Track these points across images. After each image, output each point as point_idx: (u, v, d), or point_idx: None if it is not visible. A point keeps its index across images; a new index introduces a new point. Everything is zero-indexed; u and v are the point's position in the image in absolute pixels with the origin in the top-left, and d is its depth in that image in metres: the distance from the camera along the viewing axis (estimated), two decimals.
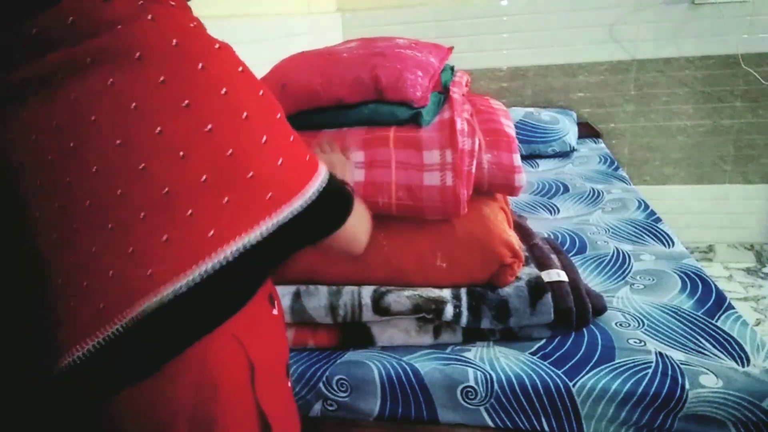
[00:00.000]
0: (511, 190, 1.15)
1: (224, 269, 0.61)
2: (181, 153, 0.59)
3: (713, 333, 1.11)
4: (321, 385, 1.09)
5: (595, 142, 2.67)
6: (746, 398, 0.95)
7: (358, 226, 0.77)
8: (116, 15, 0.59)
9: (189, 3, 0.71)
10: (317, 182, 0.68)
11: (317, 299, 1.12)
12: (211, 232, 0.60)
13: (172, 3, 0.64)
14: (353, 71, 1.14)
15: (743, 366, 1.01)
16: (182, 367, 0.66)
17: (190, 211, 0.60)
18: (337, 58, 1.21)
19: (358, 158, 1.08)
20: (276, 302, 0.83)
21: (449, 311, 1.08)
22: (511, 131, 1.20)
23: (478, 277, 1.13)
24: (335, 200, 0.72)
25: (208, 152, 0.60)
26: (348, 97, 1.13)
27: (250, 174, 0.62)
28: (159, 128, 0.58)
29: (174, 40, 0.59)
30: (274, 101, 0.67)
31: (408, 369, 1.07)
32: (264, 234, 0.63)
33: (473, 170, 1.07)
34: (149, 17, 0.60)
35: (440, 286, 1.13)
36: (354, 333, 1.14)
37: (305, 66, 1.22)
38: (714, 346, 1.07)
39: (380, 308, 1.10)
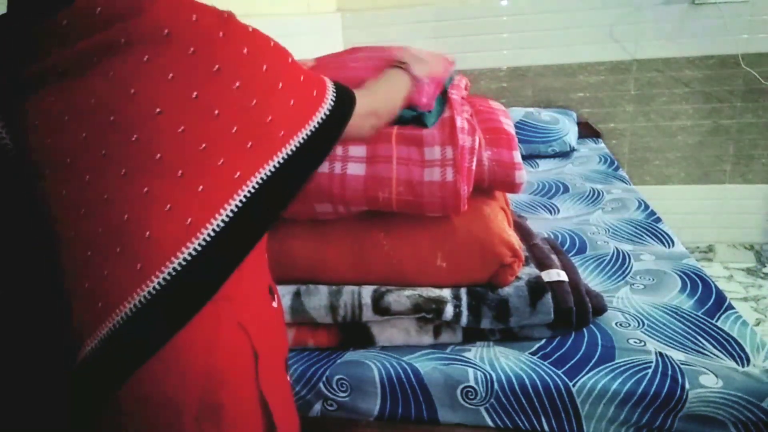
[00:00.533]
0: (512, 187, 1.15)
1: (249, 202, 0.69)
2: (216, 111, 0.67)
3: (713, 333, 1.11)
4: (321, 385, 1.09)
5: (595, 142, 2.67)
6: (746, 398, 0.95)
7: (365, 106, 0.89)
8: (140, 2, 0.66)
9: None
10: (324, 108, 0.79)
11: (317, 298, 1.13)
12: (237, 174, 0.69)
13: None
14: (359, 76, 1.14)
15: (743, 366, 1.01)
16: (191, 355, 0.67)
17: (222, 160, 0.68)
18: (343, 62, 1.22)
19: (360, 152, 1.08)
20: (276, 295, 0.85)
21: (449, 311, 1.08)
22: (511, 129, 1.20)
23: (478, 277, 1.13)
24: (340, 105, 0.82)
25: (237, 107, 0.68)
26: None
27: (269, 118, 0.71)
28: (195, 93, 0.66)
29: (193, 16, 0.67)
30: (283, 48, 0.76)
31: (408, 369, 1.07)
32: (276, 166, 0.72)
33: (473, 167, 1.08)
34: (167, 0, 0.67)
35: (440, 286, 1.14)
36: (354, 333, 1.14)
37: (311, 70, 1.23)
38: (714, 346, 1.07)
39: (380, 308, 1.10)
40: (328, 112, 0.79)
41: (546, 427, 1.02)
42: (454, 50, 1.41)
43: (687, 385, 0.97)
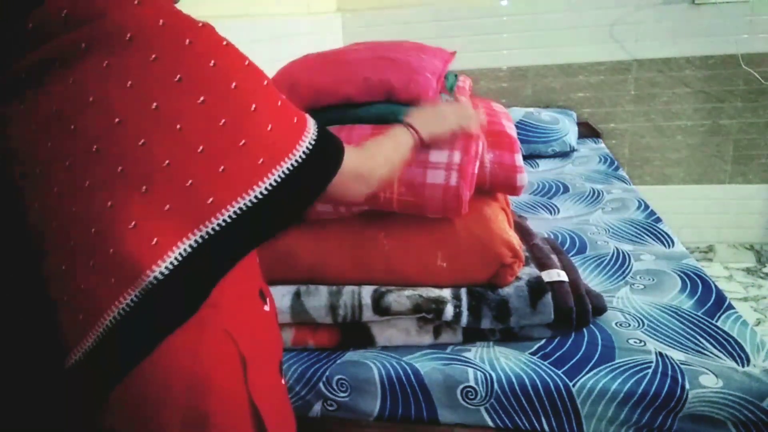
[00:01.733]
0: (513, 189, 1.15)
1: (224, 231, 0.65)
2: (178, 126, 0.62)
3: (713, 333, 1.11)
4: (321, 385, 1.09)
5: (595, 142, 2.67)
6: (746, 398, 0.95)
7: (357, 167, 0.79)
8: (105, 3, 0.63)
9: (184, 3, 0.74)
10: (305, 142, 0.71)
11: (317, 299, 1.13)
12: (210, 200, 0.64)
13: None
14: (361, 71, 1.15)
15: (743, 366, 1.01)
16: (174, 362, 0.67)
17: (190, 181, 0.63)
18: (344, 59, 1.22)
19: None
20: (268, 299, 0.84)
21: (449, 311, 1.08)
22: (513, 132, 1.21)
23: (479, 277, 1.13)
24: (325, 153, 0.74)
25: (202, 123, 0.63)
26: (356, 96, 1.14)
27: (243, 142, 0.65)
28: (155, 104, 0.62)
29: (161, 20, 0.63)
30: (259, 69, 0.70)
31: (408, 369, 1.07)
32: (259, 197, 0.66)
33: (476, 171, 1.08)
34: (135, 2, 0.64)
35: (440, 286, 1.14)
36: (354, 332, 1.14)
37: (313, 67, 1.23)
38: (714, 346, 1.07)
39: (380, 308, 1.10)
40: (312, 144, 0.72)
41: (546, 427, 1.02)
42: (454, 50, 1.41)
43: (687, 385, 0.97)
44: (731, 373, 0.99)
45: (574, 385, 1.00)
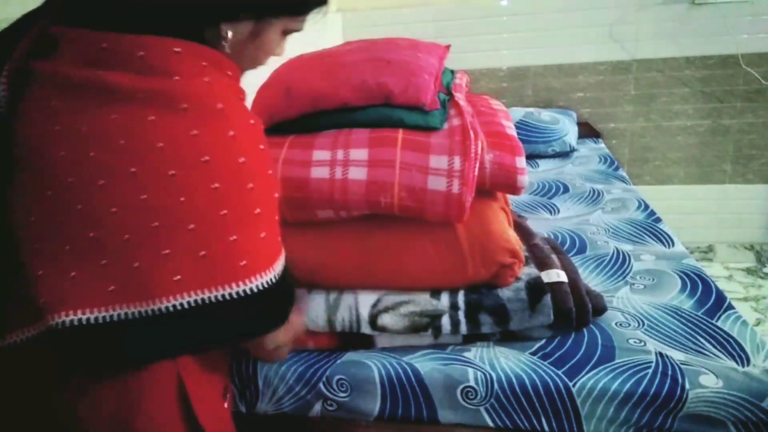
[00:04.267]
0: (513, 190, 1.15)
1: (176, 313, 0.64)
2: (182, 198, 0.63)
3: (713, 333, 1.11)
4: (321, 385, 1.09)
5: (595, 142, 2.67)
6: (746, 398, 0.95)
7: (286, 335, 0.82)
8: (180, 68, 0.65)
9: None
10: (279, 265, 0.72)
11: (314, 313, 1.12)
12: (178, 277, 0.64)
13: (229, 73, 0.72)
14: (358, 75, 1.14)
15: (743, 366, 1.01)
16: (105, 375, 0.68)
17: (167, 251, 0.63)
18: (340, 61, 1.21)
19: (362, 156, 1.07)
20: None
21: (446, 325, 1.08)
22: (513, 133, 1.20)
23: (479, 277, 1.13)
24: (285, 294, 0.74)
25: (205, 206, 0.64)
26: (353, 100, 1.13)
27: (233, 237, 0.66)
28: (173, 171, 0.63)
29: (219, 105, 0.66)
30: (276, 181, 0.73)
31: (408, 369, 1.07)
32: (226, 297, 0.65)
33: (476, 173, 1.07)
34: (206, 79, 0.66)
35: (441, 287, 1.14)
36: (353, 336, 1.14)
37: (308, 70, 1.22)
38: (714, 346, 1.07)
39: (377, 326, 1.10)
40: (281, 270, 0.72)
41: (546, 427, 1.02)
42: (454, 50, 1.40)
43: (687, 385, 0.97)
44: (731, 373, 0.99)
45: (574, 385, 1.00)
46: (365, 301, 1.12)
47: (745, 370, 1.00)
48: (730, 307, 1.19)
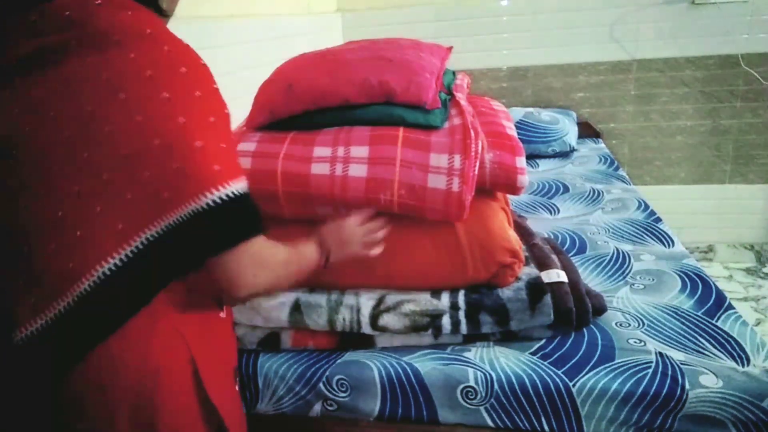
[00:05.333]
0: (513, 189, 1.15)
1: (175, 229, 0.66)
2: (139, 118, 0.66)
3: (713, 333, 1.11)
4: (321, 385, 1.09)
5: (595, 142, 2.67)
6: (746, 398, 0.95)
7: (256, 266, 0.73)
8: (102, 12, 0.70)
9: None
10: (233, 187, 0.68)
11: (316, 314, 1.12)
12: (166, 195, 0.66)
13: (149, 8, 0.75)
14: (360, 73, 1.14)
15: (743, 366, 1.01)
16: (126, 355, 0.69)
17: (147, 173, 0.66)
18: (342, 59, 1.21)
19: (362, 153, 1.08)
20: (225, 306, 0.84)
21: (447, 325, 1.08)
22: (513, 133, 1.20)
23: (479, 277, 1.13)
24: (241, 217, 0.71)
25: (162, 117, 0.67)
26: (355, 97, 1.13)
27: (198, 143, 0.67)
28: (123, 95, 0.67)
29: (147, 30, 0.70)
30: (222, 101, 0.72)
31: (408, 369, 1.07)
32: (210, 203, 0.66)
33: (476, 172, 1.07)
34: (129, 13, 0.71)
35: (441, 287, 1.13)
36: (353, 336, 1.14)
37: (310, 67, 1.22)
38: (714, 346, 1.07)
39: (378, 327, 1.10)
40: (238, 193, 0.69)
41: (546, 427, 1.02)
42: (454, 50, 1.40)
43: (687, 385, 0.97)
44: (731, 373, 0.99)
45: (574, 385, 1.00)
46: (367, 300, 1.12)
47: (745, 370, 1.00)
48: (730, 307, 1.19)
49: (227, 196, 0.67)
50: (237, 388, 0.87)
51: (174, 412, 0.72)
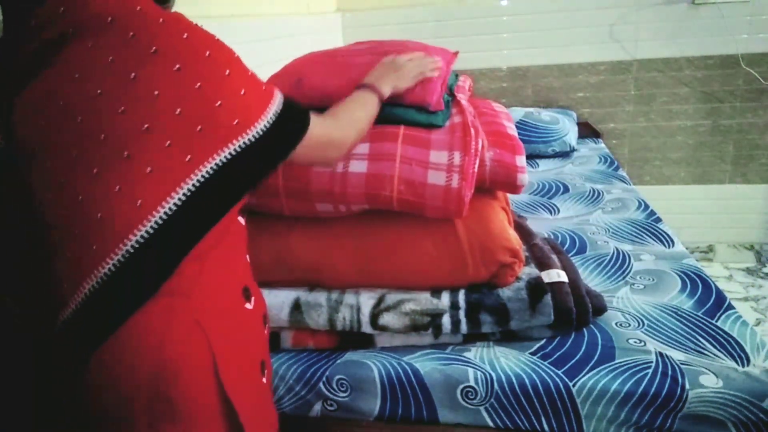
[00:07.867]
0: (513, 188, 1.15)
1: (203, 187, 0.70)
2: (156, 92, 0.68)
3: (713, 333, 1.11)
4: (321, 385, 1.09)
5: (595, 142, 2.67)
6: (746, 398, 0.95)
7: (325, 134, 0.86)
8: (97, 2, 0.71)
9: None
10: (273, 107, 0.77)
11: (316, 314, 1.12)
12: (188, 157, 0.69)
13: None
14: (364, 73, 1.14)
15: (743, 366, 1.01)
16: (142, 345, 0.69)
17: (168, 142, 0.68)
18: (351, 62, 1.21)
19: (363, 150, 1.08)
20: (253, 298, 0.84)
21: (447, 324, 1.08)
22: (514, 133, 1.21)
23: (479, 276, 1.13)
24: (292, 120, 0.80)
25: (178, 88, 0.69)
26: None
27: (218, 103, 0.71)
28: (133, 74, 0.68)
29: (138, 7, 0.71)
30: (227, 46, 0.76)
31: (408, 369, 1.07)
32: (233, 153, 0.72)
33: (475, 169, 1.08)
34: None
35: (441, 286, 1.14)
36: (354, 336, 1.14)
37: (320, 66, 1.23)
38: (714, 346, 1.07)
39: (378, 326, 1.10)
40: (280, 110, 0.78)
41: (546, 427, 1.02)
42: (456, 50, 1.41)
43: (687, 385, 0.97)
44: (731, 373, 0.99)
45: (574, 385, 1.00)
46: (367, 300, 1.13)
47: (745, 370, 1.00)
48: (730, 307, 1.19)
49: (249, 140, 0.73)
50: (265, 380, 0.85)
51: (193, 407, 0.72)
